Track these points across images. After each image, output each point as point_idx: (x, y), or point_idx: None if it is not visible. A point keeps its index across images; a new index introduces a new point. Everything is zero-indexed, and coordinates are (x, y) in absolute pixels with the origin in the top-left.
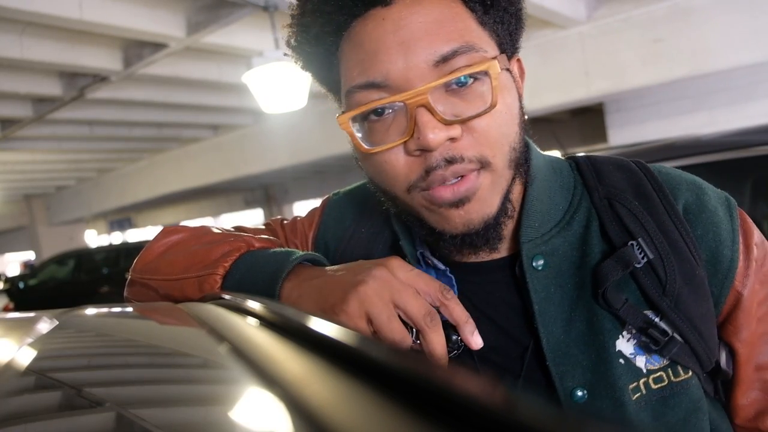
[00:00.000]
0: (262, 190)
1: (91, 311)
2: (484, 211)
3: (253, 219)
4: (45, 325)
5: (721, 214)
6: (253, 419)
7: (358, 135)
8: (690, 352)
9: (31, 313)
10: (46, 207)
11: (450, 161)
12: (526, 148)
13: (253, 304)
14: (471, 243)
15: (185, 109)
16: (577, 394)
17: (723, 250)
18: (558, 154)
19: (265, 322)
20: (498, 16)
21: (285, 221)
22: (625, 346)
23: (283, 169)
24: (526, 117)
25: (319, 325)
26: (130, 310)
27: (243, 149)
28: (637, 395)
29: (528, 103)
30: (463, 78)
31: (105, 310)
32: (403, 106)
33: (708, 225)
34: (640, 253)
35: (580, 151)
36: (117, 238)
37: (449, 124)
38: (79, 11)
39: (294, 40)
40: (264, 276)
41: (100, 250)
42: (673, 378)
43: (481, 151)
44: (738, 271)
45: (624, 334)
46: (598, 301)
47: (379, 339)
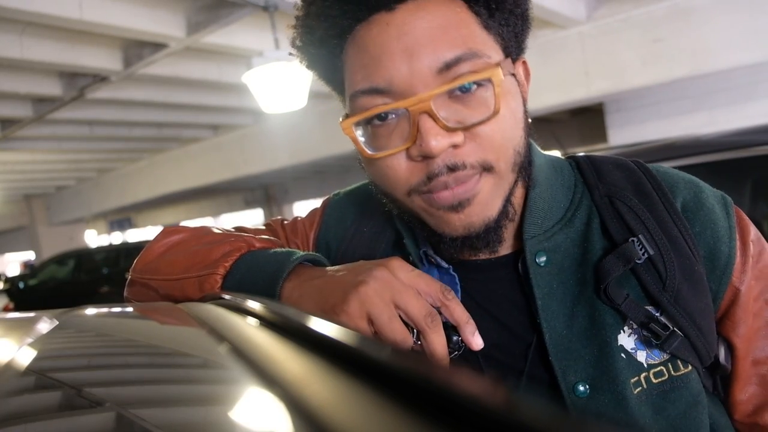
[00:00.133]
0: (262, 190)
1: (91, 311)
2: (485, 214)
3: (253, 219)
4: (45, 325)
5: (718, 212)
6: (253, 419)
7: (361, 139)
8: (690, 346)
9: (31, 313)
10: (46, 207)
11: (452, 168)
12: (529, 151)
13: (254, 304)
14: (471, 245)
15: (185, 109)
16: (580, 389)
17: (720, 247)
18: (558, 154)
19: (266, 322)
20: (503, 18)
21: (285, 222)
22: (626, 341)
23: (283, 169)
24: (530, 120)
25: (319, 325)
26: (130, 310)
27: (243, 149)
28: (638, 389)
29: (528, 104)
30: (467, 84)
31: (105, 310)
32: (406, 111)
33: (706, 222)
34: (640, 250)
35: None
36: (117, 238)
37: (452, 130)
38: (79, 11)
39: (299, 41)
40: (264, 276)
41: (100, 250)
42: (673, 372)
43: (484, 157)
44: (735, 268)
45: (625, 329)
46: (600, 296)
47: (380, 339)
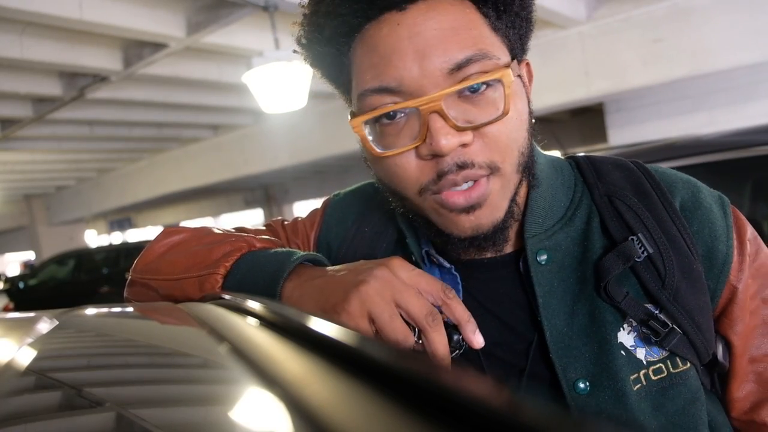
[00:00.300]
0: (262, 190)
1: (91, 311)
2: (494, 216)
3: (253, 219)
4: (45, 325)
5: (715, 211)
6: (253, 419)
7: (370, 137)
8: (688, 344)
9: (31, 313)
10: (46, 207)
11: (461, 166)
12: (531, 151)
13: (254, 304)
14: (478, 245)
15: (185, 109)
16: (580, 386)
17: (718, 246)
18: (558, 154)
19: (266, 322)
20: (510, 20)
21: (286, 222)
22: (626, 338)
23: (283, 169)
24: (534, 121)
25: (319, 325)
26: (130, 310)
27: (243, 149)
28: (637, 386)
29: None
30: (476, 85)
31: (105, 310)
32: (415, 110)
33: (704, 221)
34: (640, 248)
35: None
36: (117, 238)
37: (461, 130)
38: (79, 11)
39: (304, 38)
40: (265, 276)
41: (100, 250)
42: (672, 369)
43: (491, 157)
44: (733, 266)
45: (625, 326)
46: (600, 294)
47: (382, 339)
